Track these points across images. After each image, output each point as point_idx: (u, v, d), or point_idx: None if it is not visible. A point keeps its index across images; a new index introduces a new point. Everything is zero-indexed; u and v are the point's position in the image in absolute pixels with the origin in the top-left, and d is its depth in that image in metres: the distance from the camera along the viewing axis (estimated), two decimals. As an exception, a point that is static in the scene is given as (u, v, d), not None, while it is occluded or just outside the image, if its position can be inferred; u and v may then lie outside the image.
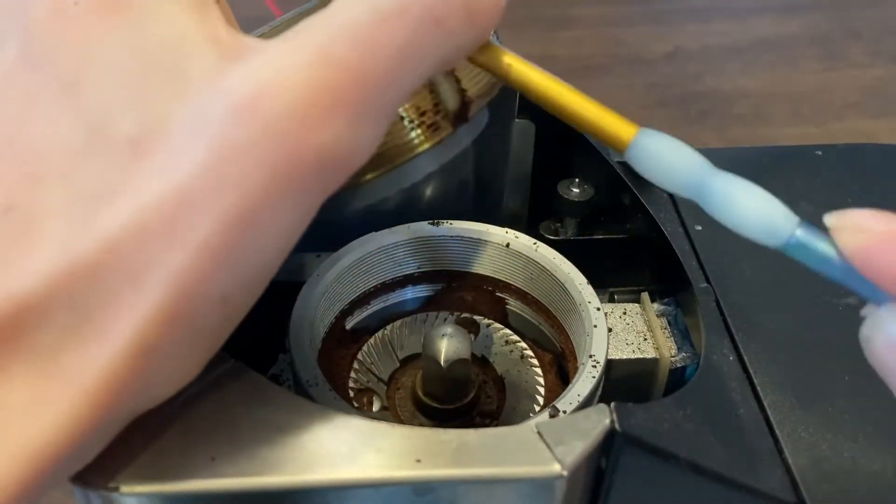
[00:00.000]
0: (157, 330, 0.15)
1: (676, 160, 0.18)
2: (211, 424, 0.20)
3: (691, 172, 0.18)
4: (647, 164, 0.19)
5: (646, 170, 0.19)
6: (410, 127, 0.21)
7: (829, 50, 0.68)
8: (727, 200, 0.18)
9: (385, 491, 0.20)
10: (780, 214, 0.18)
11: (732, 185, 0.18)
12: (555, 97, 0.20)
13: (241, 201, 0.14)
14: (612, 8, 0.74)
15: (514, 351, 0.30)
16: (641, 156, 0.19)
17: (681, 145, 0.19)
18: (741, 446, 0.23)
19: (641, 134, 0.19)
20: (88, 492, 0.19)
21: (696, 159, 0.18)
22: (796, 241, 0.17)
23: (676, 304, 0.30)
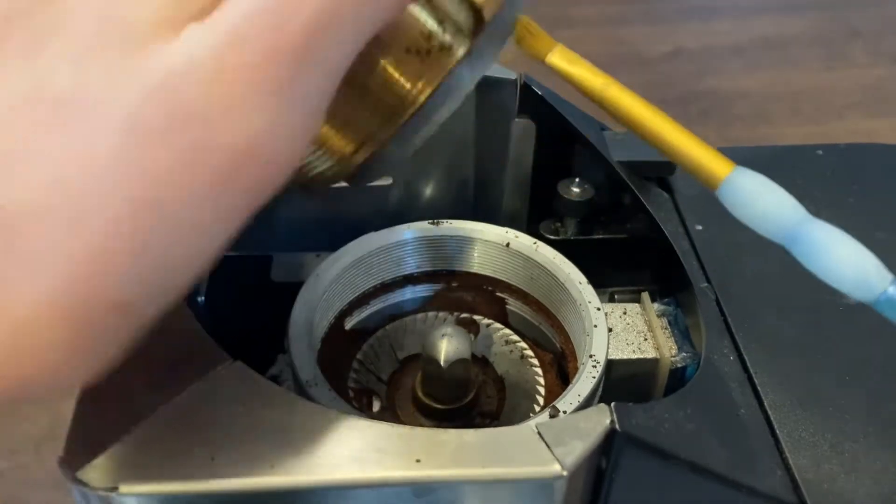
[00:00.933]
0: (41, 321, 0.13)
1: (771, 203, 0.18)
2: (210, 424, 0.20)
3: (786, 218, 0.18)
4: (739, 204, 0.18)
5: (737, 210, 0.18)
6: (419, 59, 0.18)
7: (829, 50, 0.68)
8: (820, 250, 0.18)
9: (385, 491, 0.20)
10: (873, 269, 0.17)
11: (827, 235, 0.18)
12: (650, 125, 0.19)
13: (148, 188, 0.13)
14: (613, 7, 0.74)
15: (514, 351, 0.30)
16: (735, 195, 0.18)
17: (776, 188, 0.18)
18: (742, 446, 0.23)
19: (737, 172, 0.18)
20: (87, 492, 0.19)
21: (791, 204, 0.18)
22: (888, 297, 0.17)
23: (677, 304, 0.30)
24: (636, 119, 0.19)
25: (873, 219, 0.32)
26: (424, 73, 0.19)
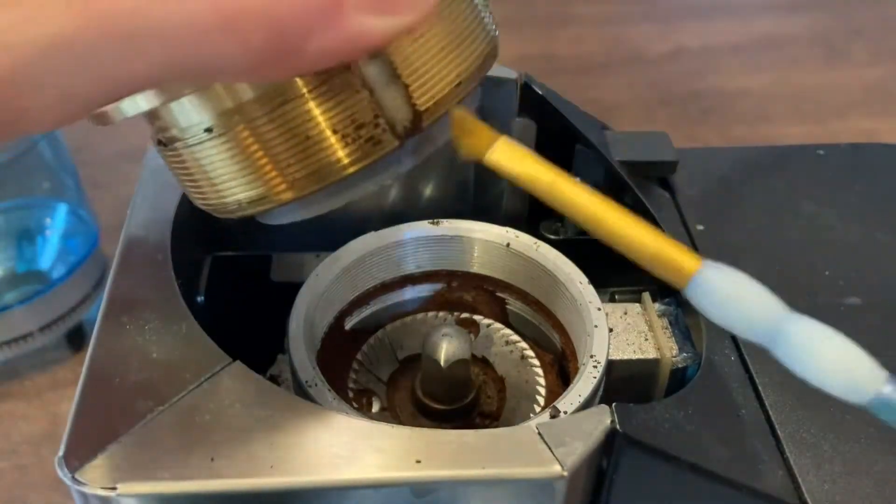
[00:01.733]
0: None
1: (747, 302, 0.16)
2: (210, 425, 0.20)
3: (764, 317, 0.16)
4: (711, 302, 0.16)
5: (709, 309, 0.16)
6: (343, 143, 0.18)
7: (831, 49, 0.67)
8: (805, 353, 0.16)
9: (385, 492, 0.20)
10: (864, 369, 0.16)
11: (811, 335, 0.16)
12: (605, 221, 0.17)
13: None
14: (613, 6, 0.74)
15: (515, 351, 0.30)
16: (704, 295, 0.16)
17: (750, 284, 0.16)
18: (743, 447, 0.23)
19: (706, 267, 0.16)
20: (86, 492, 0.19)
21: (770, 302, 0.16)
22: (881, 400, 0.16)
23: (678, 304, 0.30)
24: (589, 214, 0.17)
25: (875, 219, 0.32)
26: (348, 155, 0.18)
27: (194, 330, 0.23)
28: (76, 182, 0.43)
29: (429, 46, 0.18)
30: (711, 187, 0.33)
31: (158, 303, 0.24)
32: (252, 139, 0.18)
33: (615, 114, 0.59)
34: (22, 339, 0.38)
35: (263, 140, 0.18)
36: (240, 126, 0.18)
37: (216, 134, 0.18)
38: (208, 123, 0.18)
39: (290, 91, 0.18)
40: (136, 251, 0.26)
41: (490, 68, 0.20)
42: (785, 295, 0.29)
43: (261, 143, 0.18)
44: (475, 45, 0.19)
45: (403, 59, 0.18)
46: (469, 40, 0.19)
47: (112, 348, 0.22)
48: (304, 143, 0.18)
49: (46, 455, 0.36)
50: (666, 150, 0.33)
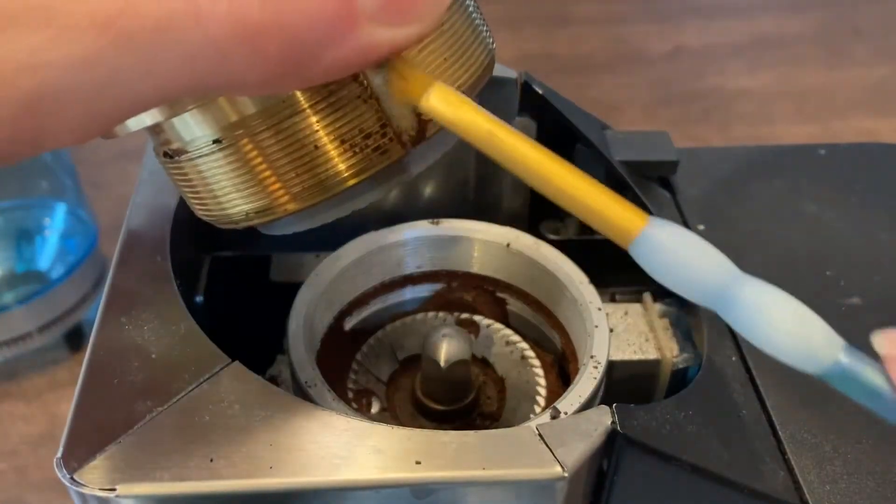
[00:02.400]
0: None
1: (695, 261, 0.15)
2: (209, 426, 0.20)
3: (713, 277, 0.15)
4: (656, 263, 0.15)
5: (655, 270, 0.15)
6: (351, 152, 0.18)
7: (832, 48, 0.67)
8: (756, 316, 0.15)
9: (384, 493, 0.20)
10: (820, 336, 0.15)
11: (763, 297, 0.15)
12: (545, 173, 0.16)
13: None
14: (614, 5, 0.74)
15: (515, 352, 0.30)
16: (650, 253, 0.15)
17: (700, 242, 0.15)
18: (744, 448, 0.23)
19: (651, 226, 0.15)
20: (85, 493, 0.19)
21: (718, 261, 0.15)
22: (840, 369, 0.15)
23: (678, 304, 0.30)
24: (529, 167, 0.16)
25: (876, 219, 0.32)
26: (354, 165, 0.18)
27: (193, 330, 0.23)
28: (75, 182, 0.43)
29: (433, 57, 0.18)
30: (712, 187, 0.33)
31: (157, 303, 0.24)
32: (258, 151, 0.18)
33: (615, 113, 0.59)
34: (21, 340, 0.38)
35: (270, 151, 0.18)
36: (245, 138, 0.18)
37: (223, 146, 0.18)
38: (214, 136, 0.18)
39: (298, 102, 0.18)
40: (135, 251, 0.26)
41: (488, 78, 0.21)
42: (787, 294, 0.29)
43: (267, 154, 0.18)
44: (475, 55, 0.20)
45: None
46: (469, 51, 0.19)
47: (111, 349, 0.22)
48: (312, 154, 0.18)
49: (45, 456, 0.36)
50: (666, 149, 0.33)
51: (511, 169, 0.16)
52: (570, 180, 0.16)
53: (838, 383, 0.15)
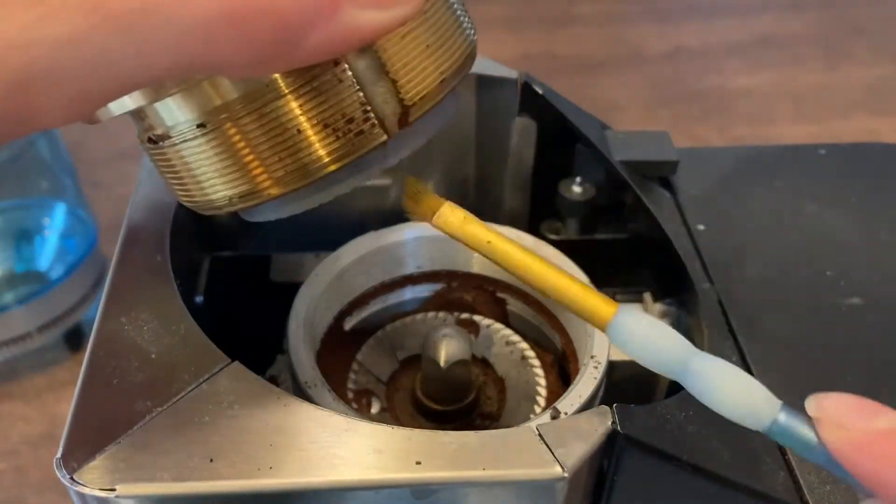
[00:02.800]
0: None
1: (656, 341, 0.18)
2: (209, 426, 0.20)
3: (673, 354, 0.18)
4: (627, 343, 0.19)
5: (627, 348, 0.19)
6: (334, 137, 0.18)
7: (832, 48, 0.67)
8: (708, 384, 0.18)
9: (384, 493, 0.20)
10: (761, 399, 0.18)
11: (713, 369, 0.18)
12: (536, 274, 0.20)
13: None
14: (614, 6, 0.74)
15: (515, 352, 0.30)
16: (622, 335, 0.19)
17: (662, 326, 0.18)
18: (744, 448, 0.23)
19: (621, 314, 0.19)
20: (85, 493, 0.19)
21: (677, 341, 0.18)
22: (778, 427, 0.17)
23: (679, 305, 0.30)
24: (522, 270, 0.20)
25: (876, 219, 0.32)
26: (337, 150, 0.18)
27: (193, 330, 0.23)
28: (75, 182, 0.43)
29: (416, 44, 0.18)
30: (712, 187, 0.33)
31: (157, 303, 0.24)
32: (241, 135, 0.18)
33: (615, 113, 0.59)
34: (20, 340, 0.38)
35: (252, 136, 0.18)
36: (228, 122, 0.18)
37: (206, 131, 0.18)
38: (197, 121, 0.18)
39: (281, 87, 0.18)
40: (134, 251, 0.25)
41: (470, 68, 0.21)
42: (787, 295, 0.29)
43: (250, 138, 0.18)
44: (457, 44, 0.20)
45: (391, 55, 0.18)
46: (451, 40, 0.19)
47: (111, 349, 0.22)
48: (294, 138, 0.18)
49: (45, 456, 0.36)
50: (667, 149, 0.33)
51: (506, 269, 0.20)
52: (554, 278, 0.20)
53: (778, 438, 0.17)
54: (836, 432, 0.16)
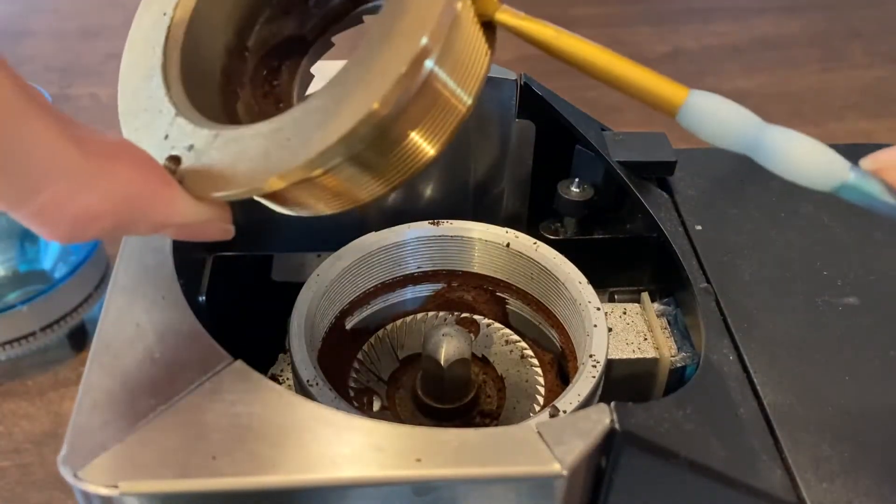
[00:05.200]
0: None
1: (729, 118, 0.19)
2: (211, 424, 0.20)
3: (746, 128, 0.19)
4: (701, 123, 0.19)
5: (700, 129, 0.19)
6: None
7: (828, 50, 0.68)
8: (781, 152, 0.19)
9: (385, 490, 0.20)
10: (832, 160, 0.19)
11: (785, 138, 0.19)
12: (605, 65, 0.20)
13: None
14: (612, 8, 0.74)
15: (515, 351, 0.30)
16: (695, 117, 0.19)
17: (731, 103, 0.19)
18: (741, 446, 0.23)
19: (693, 95, 0.19)
20: (88, 491, 0.19)
21: (748, 115, 0.19)
22: (849, 184, 0.19)
23: (676, 304, 0.30)
24: (592, 62, 0.21)
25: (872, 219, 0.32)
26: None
27: (196, 329, 0.23)
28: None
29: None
30: (710, 188, 0.34)
31: (160, 302, 0.24)
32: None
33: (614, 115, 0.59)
34: (24, 339, 0.38)
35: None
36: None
37: None
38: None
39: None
40: (137, 251, 0.26)
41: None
42: (783, 294, 0.29)
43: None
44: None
45: None
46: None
47: (114, 348, 0.22)
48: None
49: (48, 454, 0.36)
50: (665, 150, 0.33)
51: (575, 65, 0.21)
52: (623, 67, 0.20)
53: (848, 194, 0.19)
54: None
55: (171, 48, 0.22)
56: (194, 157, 0.20)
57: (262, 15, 0.24)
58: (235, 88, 0.24)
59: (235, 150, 0.19)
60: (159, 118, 0.21)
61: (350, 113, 0.18)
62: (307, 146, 0.18)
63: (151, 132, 0.21)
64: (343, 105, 0.18)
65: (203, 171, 0.20)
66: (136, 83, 0.22)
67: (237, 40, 0.24)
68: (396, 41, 0.18)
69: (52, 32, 0.69)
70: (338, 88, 0.18)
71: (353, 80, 0.18)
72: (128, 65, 0.22)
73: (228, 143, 0.20)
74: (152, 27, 0.22)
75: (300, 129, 0.19)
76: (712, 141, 0.19)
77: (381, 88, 0.18)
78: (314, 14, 0.25)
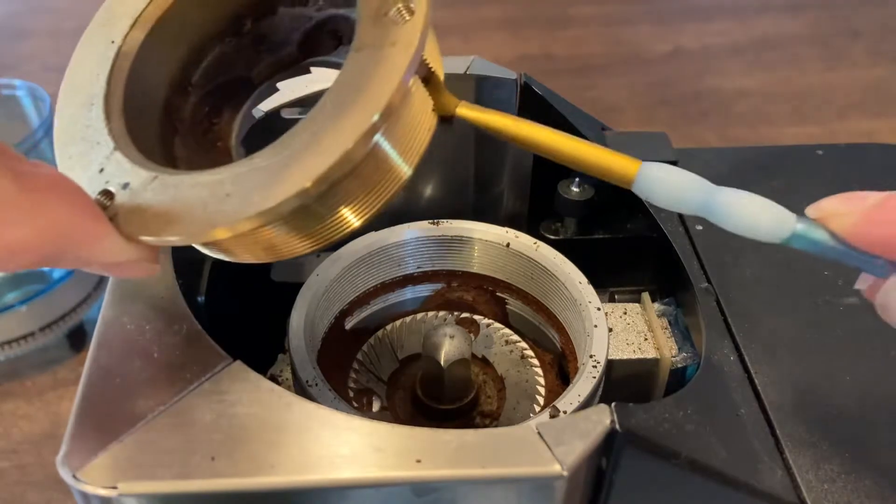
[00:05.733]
0: None
1: (681, 185, 0.20)
2: (211, 424, 0.20)
3: (696, 193, 0.20)
4: (654, 192, 0.21)
5: (655, 198, 0.21)
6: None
7: (830, 49, 0.67)
8: (733, 210, 0.20)
9: (385, 491, 0.20)
10: (779, 214, 0.20)
11: (734, 199, 0.20)
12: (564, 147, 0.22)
13: None
14: (613, 7, 0.74)
15: (515, 351, 0.30)
16: (648, 185, 0.21)
17: (682, 171, 0.21)
18: (742, 446, 0.23)
19: (644, 167, 0.21)
20: (87, 491, 0.19)
21: (698, 181, 0.20)
22: (797, 233, 0.20)
23: (677, 304, 0.30)
24: (550, 144, 0.22)
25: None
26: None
27: (195, 330, 0.23)
28: (77, 182, 0.43)
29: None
30: (711, 187, 0.34)
31: (159, 303, 0.24)
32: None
33: (614, 114, 0.59)
34: (23, 339, 0.38)
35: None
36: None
37: None
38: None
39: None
40: (136, 251, 0.26)
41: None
42: (784, 294, 0.29)
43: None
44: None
45: None
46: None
47: (113, 348, 0.22)
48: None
49: (47, 454, 0.36)
50: (665, 150, 0.33)
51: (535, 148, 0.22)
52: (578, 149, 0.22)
53: (799, 244, 0.20)
54: (842, 219, 0.19)
55: (116, 79, 0.22)
56: (129, 196, 0.20)
57: (211, 52, 0.24)
58: (175, 123, 0.24)
59: (172, 196, 0.19)
60: (96, 150, 0.21)
61: (293, 179, 0.18)
62: (247, 204, 0.18)
63: (86, 163, 0.21)
64: (288, 170, 0.18)
65: (137, 211, 0.19)
66: (75, 110, 0.22)
67: (182, 75, 0.24)
68: (348, 115, 0.18)
69: (52, 32, 0.69)
70: (285, 152, 0.19)
71: (301, 146, 0.19)
72: (69, 89, 0.22)
73: (166, 188, 0.20)
74: (98, 54, 0.22)
75: (241, 186, 0.19)
76: (668, 206, 0.21)
77: (326, 160, 0.18)
78: (264, 58, 0.25)
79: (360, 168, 0.20)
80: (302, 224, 0.20)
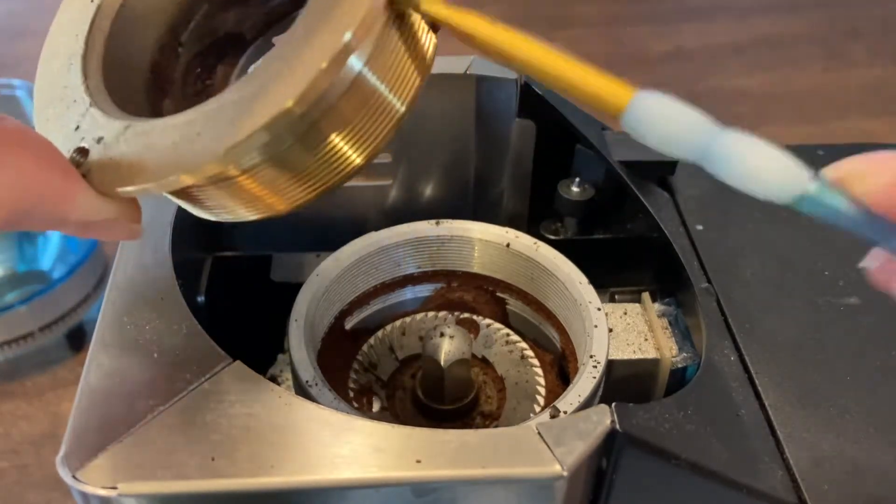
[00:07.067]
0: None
1: (681, 121, 0.17)
2: (210, 425, 0.20)
3: (696, 133, 0.17)
4: (645, 127, 0.17)
5: (646, 134, 0.17)
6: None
7: (830, 50, 0.67)
8: (736, 155, 0.17)
9: (385, 491, 0.20)
10: (794, 168, 0.16)
11: (739, 145, 0.17)
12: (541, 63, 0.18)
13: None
14: (613, 7, 0.74)
15: (515, 351, 0.30)
16: (640, 119, 0.17)
17: (684, 105, 0.17)
18: (742, 446, 0.23)
19: (639, 95, 0.17)
20: (87, 492, 0.19)
21: (702, 119, 0.17)
22: (809, 195, 0.17)
23: (677, 305, 0.30)
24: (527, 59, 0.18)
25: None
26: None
27: (195, 330, 0.23)
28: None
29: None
30: (711, 188, 0.33)
31: (159, 303, 0.24)
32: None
33: (615, 114, 0.59)
34: (23, 339, 0.38)
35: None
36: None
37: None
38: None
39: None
40: (136, 251, 0.26)
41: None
42: (785, 294, 0.29)
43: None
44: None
45: None
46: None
47: (113, 348, 0.22)
48: None
49: (47, 455, 0.36)
50: (665, 150, 0.33)
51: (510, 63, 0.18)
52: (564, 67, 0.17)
53: (808, 207, 0.17)
54: (868, 182, 0.16)
55: (95, 37, 0.21)
56: (102, 150, 0.19)
57: (199, 10, 0.23)
58: (164, 85, 0.23)
59: (144, 143, 0.18)
60: (73, 108, 0.20)
61: (264, 108, 0.17)
62: (217, 141, 0.17)
63: (63, 122, 0.20)
64: (258, 100, 0.17)
65: (110, 164, 0.18)
66: (54, 73, 0.21)
67: (171, 35, 0.23)
68: (319, 37, 0.17)
69: (52, 32, 0.69)
70: (255, 82, 0.17)
71: (272, 74, 0.17)
72: (48, 53, 0.21)
73: (138, 136, 0.18)
74: (78, 13, 0.21)
75: (212, 123, 0.17)
76: (659, 148, 0.17)
77: (299, 84, 0.16)
78: (254, 12, 0.24)
79: (344, 102, 0.18)
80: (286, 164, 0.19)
